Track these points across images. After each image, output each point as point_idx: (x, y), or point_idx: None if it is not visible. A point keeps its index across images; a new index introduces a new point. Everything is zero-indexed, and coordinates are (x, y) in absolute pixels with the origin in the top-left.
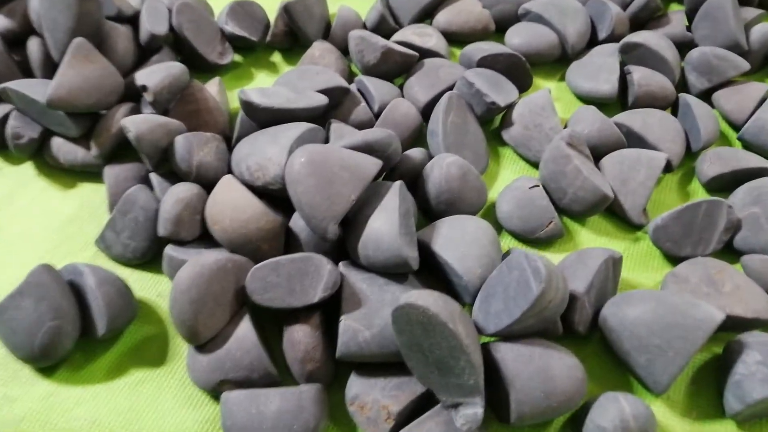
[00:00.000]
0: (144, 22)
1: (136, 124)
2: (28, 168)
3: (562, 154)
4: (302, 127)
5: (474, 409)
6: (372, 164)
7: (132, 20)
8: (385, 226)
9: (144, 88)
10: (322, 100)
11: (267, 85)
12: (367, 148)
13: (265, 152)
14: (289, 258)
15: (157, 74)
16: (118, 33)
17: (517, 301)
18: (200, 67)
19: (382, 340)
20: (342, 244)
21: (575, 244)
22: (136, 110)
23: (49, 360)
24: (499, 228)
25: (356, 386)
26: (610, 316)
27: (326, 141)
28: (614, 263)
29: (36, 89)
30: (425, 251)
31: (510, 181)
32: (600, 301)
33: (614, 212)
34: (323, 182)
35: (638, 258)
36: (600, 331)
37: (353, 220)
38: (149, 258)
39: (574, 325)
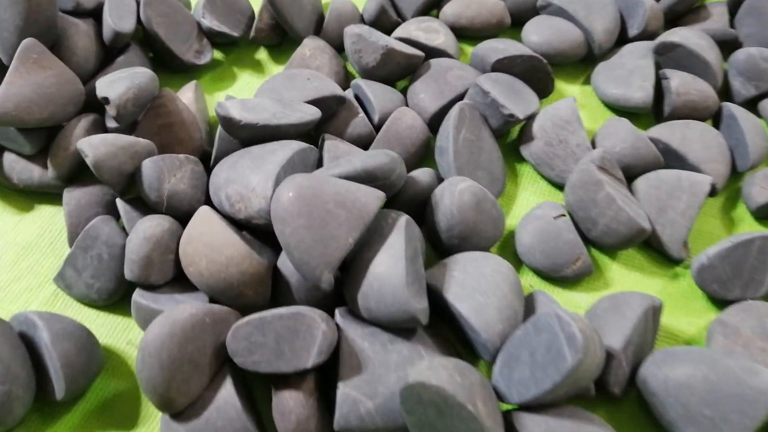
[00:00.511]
0: (107, 18)
1: (94, 147)
2: None
3: (593, 180)
4: (291, 148)
5: None
6: (373, 199)
7: (94, 14)
8: (390, 274)
9: (105, 100)
10: (314, 114)
11: (252, 87)
12: (367, 177)
13: (248, 180)
14: (277, 314)
15: (120, 84)
16: (77, 31)
17: (547, 371)
18: (174, 67)
19: (388, 412)
20: (339, 288)
21: (605, 281)
22: (99, 123)
23: None
24: (518, 262)
25: None
26: (651, 378)
27: (319, 162)
28: (654, 312)
29: None
30: (436, 297)
31: (530, 206)
32: (638, 356)
33: (650, 244)
34: (316, 222)
35: (678, 299)
36: (637, 390)
37: (351, 263)
38: (117, 299)
39: (609, 386)
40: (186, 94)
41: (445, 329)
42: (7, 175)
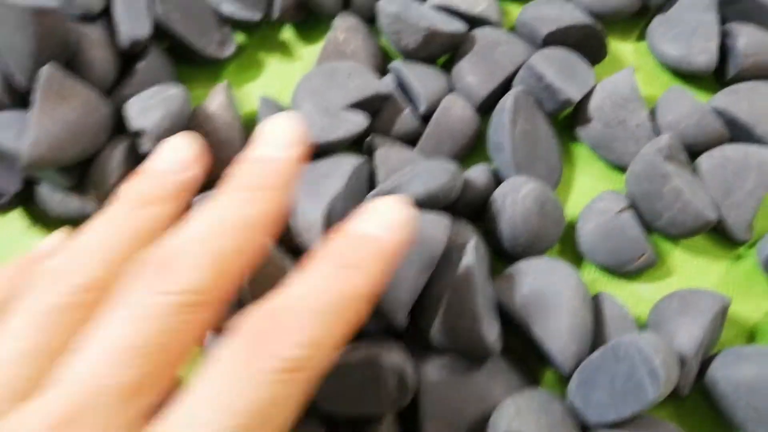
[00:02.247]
0: (120, 23)
1: None
2: (14, 219)
3: (660, 173)
4: (344, 173)
5: None
6: (441, 230)
7: (102, 16)
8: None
9: (139, 134)
10: (362, 123)
11: (283, 75)
12: (430, 202)
13: (305, 211)
14: (351, 363)
15: (153, 113)
16: (91, 42)
17: (627, 400)
18: (197, 62)
19: None
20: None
21: (668, 269)
22: (131, 149)
23: None
24: (579, 256)
25: None
26: (721, 380)
27: (371, 175)
28: (723, 311)
29: (6, 134)
30: (506, 314)
31: (589, 192)
32: (706, 353)
33: (713, 227)
34: None
35: (741, 282)
36: (704, 387)
37: (422, 293)
38: None
39: (678, 388)
40: (217, 99)
41: (517, 346)
42: (44, 208)
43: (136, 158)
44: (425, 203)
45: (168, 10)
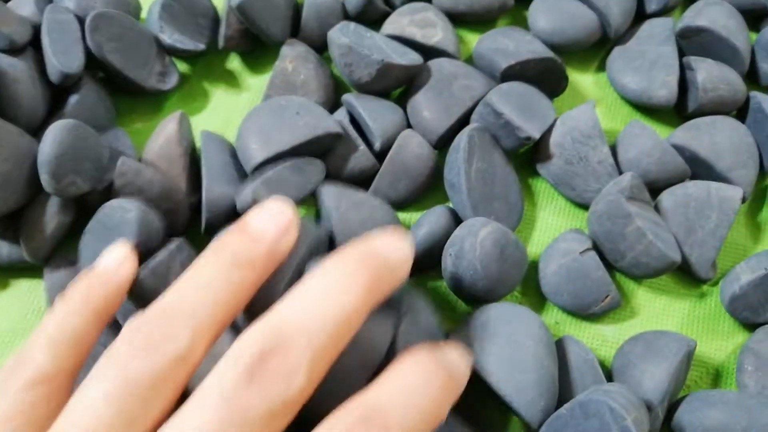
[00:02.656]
0: (51, 57)
1: None
2: None
3: (622, 213)
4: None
5: None
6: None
7: (31, 44)
8: None
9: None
10: (318, 173)
11: (228, 105)
12: None
13: None
14: None
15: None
16: (17, 76)
17: None
18: (137, 93)
19: None
20: None
21: (632, 310)
22: (66, 199)
23: None
24: (542, 297)
25: None
26: (688, 427)
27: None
28: (689, 354)
29: None
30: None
31: (551, 229)
32: (672, 397)
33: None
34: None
35: (705, 320)
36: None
37: None
38: None
39: None
40: (167, 128)
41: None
42: None
43: (71, 208)
44: None
45: (102, 41)
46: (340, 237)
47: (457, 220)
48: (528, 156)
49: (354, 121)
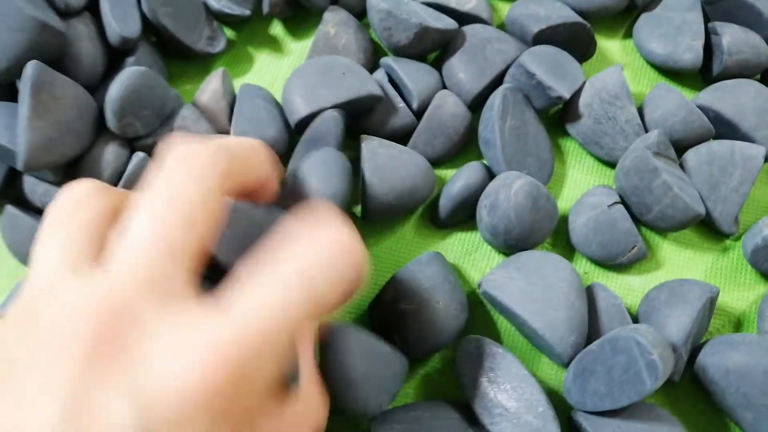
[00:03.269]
0: (110, 20)
1: None
2: None
3: (649, 168)
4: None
5: None
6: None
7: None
8: None
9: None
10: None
11: (273, 68)
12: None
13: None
14: None
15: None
16: (80, 37)
17: (624, 390)
18: (187, 57)
19: None
20: None
21: (657, 262)
22: (124, 146)
23: None
24: (572, 249)
25: None
26: (710, 367)
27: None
28: (712, 301)
29: None
30: (501, 306)
31: (580, 186)
32: (695, 341)
33: (701, 220)
34: None
35: (728, 273)
36: (693, 373)
37: None
38: None
39: (670, 375)
40: (211, 85)
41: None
42: (28, 198)
43: (125, 154)
44: None
45: (156, 6)
46: (378, 187)
47: (491, 175)
48: (558, 117)
49: (392, 83)
